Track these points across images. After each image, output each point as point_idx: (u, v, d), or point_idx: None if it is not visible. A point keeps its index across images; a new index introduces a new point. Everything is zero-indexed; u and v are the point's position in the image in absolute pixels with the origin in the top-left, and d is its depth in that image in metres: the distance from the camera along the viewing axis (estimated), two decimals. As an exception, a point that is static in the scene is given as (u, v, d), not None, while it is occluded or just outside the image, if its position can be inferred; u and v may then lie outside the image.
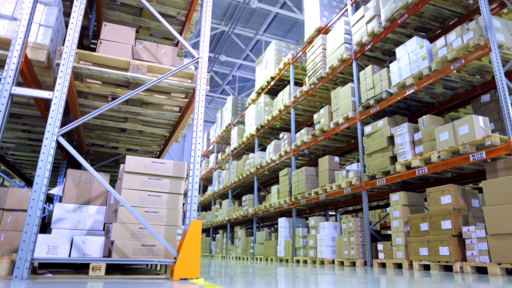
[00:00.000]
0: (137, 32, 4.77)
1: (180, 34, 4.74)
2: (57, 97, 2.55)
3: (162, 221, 2.91)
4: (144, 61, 3.44)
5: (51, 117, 2.51)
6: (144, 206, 2.90)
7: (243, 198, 11.12)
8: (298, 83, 10.29)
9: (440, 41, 5.34)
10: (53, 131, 2.49)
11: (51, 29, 2.91)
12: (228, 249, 11.80)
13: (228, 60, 18.50)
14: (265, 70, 10.73)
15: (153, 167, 3.01)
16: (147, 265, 4.56)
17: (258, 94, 11.14)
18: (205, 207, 16.40)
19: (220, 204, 13.55)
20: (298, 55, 9.18)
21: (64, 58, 2.64)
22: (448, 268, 4.97)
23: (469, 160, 4.70)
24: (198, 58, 3.06)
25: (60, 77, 2.59)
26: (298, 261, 7.86)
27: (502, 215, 4.17)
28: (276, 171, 10.74)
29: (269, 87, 10.49)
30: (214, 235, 14.90)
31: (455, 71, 5.32)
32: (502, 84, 4.42)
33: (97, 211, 3.33)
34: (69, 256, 2.73)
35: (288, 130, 10.71)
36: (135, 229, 2.82)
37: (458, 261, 4.63)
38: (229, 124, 13.17)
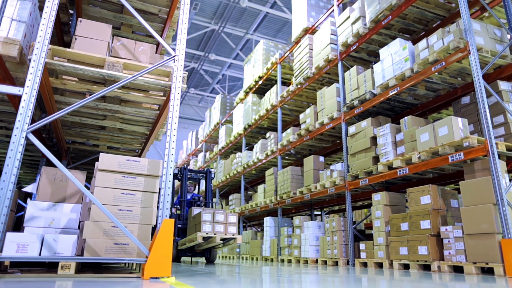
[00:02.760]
0: (118, 29, 4.72)
1: (162, 32, 4.71)
2: (27, 93, 2.51)
3: (136, 220, 2.89)
4: (122, 58, 3.41)
5: (20, 114, 2.47)
6: (117, 205, 2.88)
7: (230, 197, 11.11)
8: (286, 83, 10.30)
9: (422, 43, 5.40)
10: (22, 127, 2.46)
11: (24, 24, 2.86)
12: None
13: (218, 59, 18.44)
14: (253, 70, 10.73)
15: (127, 165, 2.98)
16: (125, 264, 4.52)
17: (246, 93, 11.14)
18: (193, 206, 16.35)
19: (208, 203, 13.51)
20: (286, 55, 9.20)
21: (36, 54, 2.60)
22: (426, 267, 5.03)
23: (448, 161, 4.76)
24: (174, 56, 3.05)
25: (31, 73, 2.55)
26: (282, 260, 7.88)
27: (478, 215, 4.24)
28: (263, 171, 10.75)
29: (257, 86, 10.49)
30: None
31: (436, 73, 5.38)
32: (480, 86, 4.48)
33: (72, 209, 3.29)
34: (40, 255, 2.69)
35: (275, 129, 10.72)
36: (107, 228, 2.80)
37: (436, 260, 4.69)
38: (218, 123, 13.14)
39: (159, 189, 3.00)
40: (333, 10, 7.66)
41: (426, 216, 4.88)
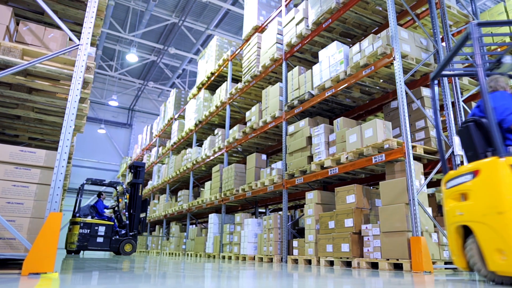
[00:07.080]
0: (42, 14, 4.50)
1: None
2: None
3: (27, 213, 2.76)
4: (27, 44, 3.24)
5: None
6: (6, 197, 2.74)
7: (179, 194, 10.97)
8: (239, 80, 10.30)
9: (356, 47, 5.57)
10: None
11: None
12: (163, 245, 11.59)
13: (179, 53, 18.11)
14: (206, 65, 10.64)
15: (21, 156, 2.84)
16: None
17: (199, 89, 11.03)
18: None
19: (159, 199, 13.27)
20: (236, 52, 9.19)
21: None
22: (349, 264, 5.21)
23: (371, 161, 4.95)
24: (78, 45, 2.94)
25: None
26: (224, 257, 7.89)
27: (392, 214, 4.44)
28: (212, 167, 10.69)
29: (209, 82, 10.41)
30: (151, 231, 14.57)
31: (367, 77, 5.58)
32: (401, 91, 4.68)
33: (-34, 202, 3.09)
34: None
35: (225, 126, 10.70)
36: (-7, 221, 2.65)
37: (356, 257, 4.87)
38: (171, 118, 12.92)
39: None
40: (281, 10, 7.74)
41: (350, 215, 5.05)
